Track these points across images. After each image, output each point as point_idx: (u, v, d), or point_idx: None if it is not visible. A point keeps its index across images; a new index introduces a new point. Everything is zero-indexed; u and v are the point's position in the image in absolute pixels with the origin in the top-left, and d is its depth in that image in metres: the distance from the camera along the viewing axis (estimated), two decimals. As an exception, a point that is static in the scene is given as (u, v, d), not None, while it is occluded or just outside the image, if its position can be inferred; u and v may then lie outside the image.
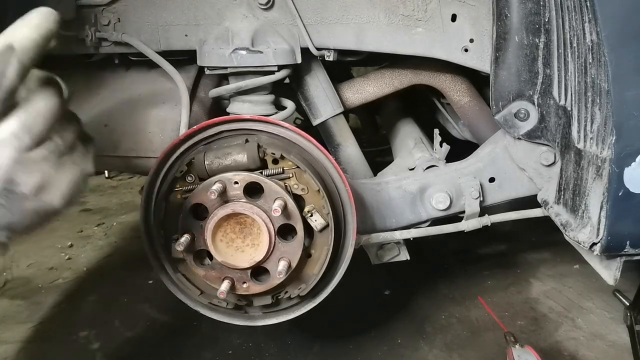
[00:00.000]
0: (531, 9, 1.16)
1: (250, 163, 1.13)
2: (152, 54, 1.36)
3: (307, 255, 1.21)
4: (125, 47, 1.38)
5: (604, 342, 2.10)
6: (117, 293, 2.67)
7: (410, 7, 1.29)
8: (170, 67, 1.38)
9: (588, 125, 1.08)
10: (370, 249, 1.51)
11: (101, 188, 4.54)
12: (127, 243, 3.33)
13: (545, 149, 1.31)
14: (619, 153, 1.01)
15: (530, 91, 1.24)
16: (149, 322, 2.39)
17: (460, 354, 2.07)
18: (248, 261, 1.14)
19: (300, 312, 1.28)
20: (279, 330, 2.20)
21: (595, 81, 1.02)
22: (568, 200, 1.21)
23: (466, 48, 1.31)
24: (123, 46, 1.38)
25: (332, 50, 1.37)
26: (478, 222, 1.43)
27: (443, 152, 1.50)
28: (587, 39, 1.01)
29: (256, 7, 1.32)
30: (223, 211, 1.11)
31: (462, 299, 2.43)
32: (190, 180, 1.18)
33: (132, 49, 1.38)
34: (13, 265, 3.11)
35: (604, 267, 1.22)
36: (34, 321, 2.46)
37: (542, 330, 2.19)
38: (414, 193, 1.45)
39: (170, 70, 1.38)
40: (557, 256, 2.75)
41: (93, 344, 2.26)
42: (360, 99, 1.64)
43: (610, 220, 1.06)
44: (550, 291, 2.47)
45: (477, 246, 2.93)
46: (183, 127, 1.38)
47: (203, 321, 2.30)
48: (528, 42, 1.19)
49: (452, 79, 1.60)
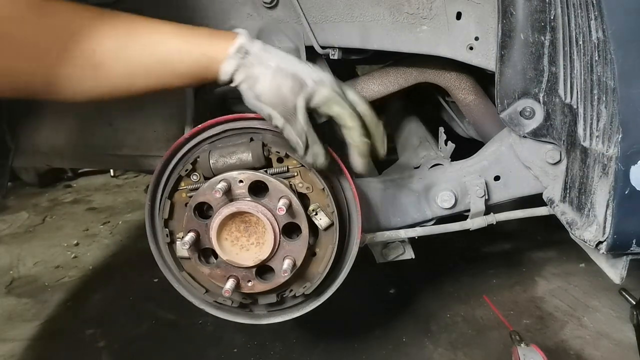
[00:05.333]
0: (537, 6, 1.15)
1: (255, 162, 1.13)
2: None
3: (312, 253, 1.21)
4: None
5: (610, 341, 2.09)
6: (122, 291, 2.68)
7: (415, 5, 1.29)
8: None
9: (594, 123, 1.08)
10: (375, 247, 1.51)
11: (107, 187, 4.57)
12: (133, 241, 3.35)
13: (550, 147, 1.30)
14: (626, 151, 1.00)
15: (535, 89, 1.23)
16: (154, 321, 2.40)
17: (465, 352, 2.06)
18: (253, 260, 1.14)
19: (305, 310, 1.28)
20: (283, 328, 2.20)
21: (602, 79, 1.02)
22: (574, 198, 1.21)
23: (471, 46, 1.30)
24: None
25: (336, 48, 1.36)
26: (483, 221, 1.43)
27: (448, 151, 1.49)
28: (593, 37, 1.01)
29: (261, 5, 1.32)
30: (228, 210, 1.11)
31: (467, 298, 2.42)
32: (195, 179, 1.18)
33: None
34: (19, 263, 3.14)
35: (610, 265, 1.22)
36: (40, 319, 2.48)
37: (547, 329, 2.18)
38: (418, 191, 1.45)
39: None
40: (562, 255, 2.74)
41: (99, 342, 2.28)
42: (364, 97, 1.63)
43: (617, 219, 1.05)
44: (556, 290, 2.47)
45: (482, 245, 2.93)
46: (188, 125, 1.38)
47: (208, 319, 2.31)
48: (533, 39, 1.18)
49: (457, 77, 1.60)
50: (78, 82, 0.94)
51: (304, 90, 1.02)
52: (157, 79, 1.00)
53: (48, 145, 1.59)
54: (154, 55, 0.97)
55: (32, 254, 3.25)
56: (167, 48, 0.98)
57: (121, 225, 3.66)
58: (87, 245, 3.34)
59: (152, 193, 1.23)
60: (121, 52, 0.94)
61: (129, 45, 0.95)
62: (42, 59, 0.89)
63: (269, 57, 1.03)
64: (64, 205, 4.17)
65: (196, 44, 1.00)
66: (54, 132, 1.56)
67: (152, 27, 0.99)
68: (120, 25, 0.95)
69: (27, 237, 3.54)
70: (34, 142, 1.59)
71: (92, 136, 1.56)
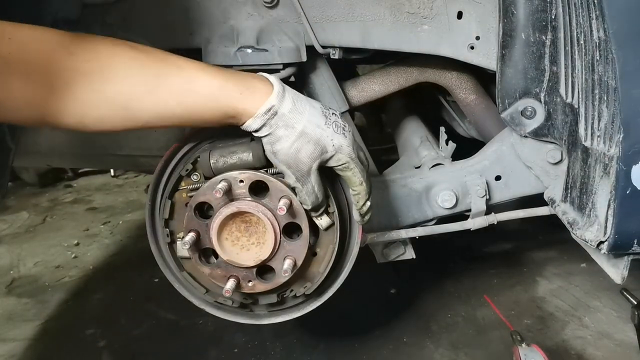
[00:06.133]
0: (538, 5, 1.15)
1: (256, 161, 1.13)
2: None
3: (312, 253, 1.21)
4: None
5: (611, 341, 2.09)
6: (123, 291, 2.68)
7: (416, 4, 1.28)
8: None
9: (595, 123, 1.08)
10: (376, 247, 1.51)
11: (107, 187, 4.57)
12: (133, 241, 3.35)
13: (552, 146, 1.30)
14: (627, 151, 1.00)
15: (536, 89, 1.23)
16: (154, 321, 2.40)
17: (466, 352, 2.06)
18: (253, 259, 1.14)
19: (305, 310, 1.28)
20: (284, 328, 2.20)
21: (603, 78, 1.01)
22: (575, 198, 1.21)
23: (472, 45, 1.30)
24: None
25: (337, 48, 1.36)
26: (484, 221, 1.43)
27: (449, 150, 1.49)
28: (595, 36, 1.01)
29: (261, 5, 1.32)
30: (228, 210, 1.10)
31: (468, 298, 2.42)
32: (196, 179, 1.17)
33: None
34: (20, 263, 3.14)
35: (611, 265, 1.22)
36: (41, 319, 2.48)
37: (548, 329, 2.18)
38: (419, 191, 1.45)
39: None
40: (563, 255, 2.74)
41: (99, 342, 2.28)
42: (365, 97, 1.63)
43: (618, 219, 1.05)
44: (557, 290, 2.46)
45: (483, 245, 2.92)
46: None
47: (208, 319, 2.31)
48: (535, 39, 1.18)
49: (458, 76, 1.60)
50: (107, 120, 0.96)
51: (321, 156, 1.06)
52: (183, 121, 1.02)
53: (48, 145, 1.60)
54: (181, 104, 0.99)
55: (32, 253, 3.25)
56: (196, 97, 0.99)
57: (121, 225, 3.66)
58: (87, 245, 3.34)
59: (152, 193, 1.23)
60: (150, 97, 0.96)
61: (157, 91, 0.96)
62: (70, 97, 0.90)
63: (296, 119, 1.03)
64: (65, 205, 4.17)
65: (225, 95, 1.00)
66: (54, 132, 1.56)
67: (181, 70, 1.00)
68: (151, 65, 0.97)
69: (27, 237, 3.54)
70: (34, 142, 1.59)
71: (92, 136, 1.56)
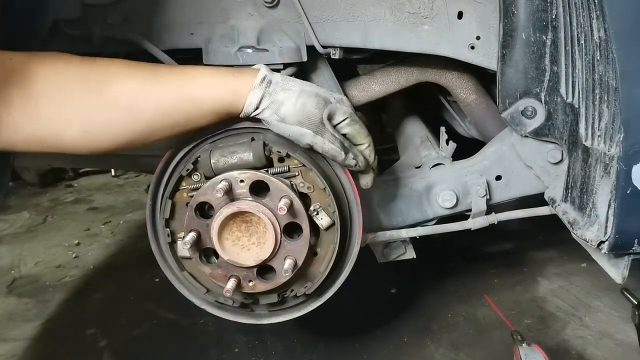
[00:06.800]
0: (538, 5, 1.15)
1: (256, 161, 1.13)
2: (158, 53, 1.36)
3: (313, 253, 1.21)
4: (132, 46, 1.38)
5: (611, 340, 2.09)
6: (123, 291, 2.68)
7: (416, 4, 1.28)
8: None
9: (596, 122, 1.08)
10: (377, 247, 1.51)
11: (108, 186, 4.58)
12: (134, 241, 3.35)
13: (552, 146, 1.30)
14: (627, 150, 1.00)
15: (537, 88, 1.23)
16: (155, 320, 2.41)
17: (466, 352, 2.06)
18: (254, 259, 1.14)
19: (306, 310, 1.28)
20: (285, 328, 2.20)
21: (603, 78, 1.01)
22: (575, 198, 1.21)
23: (473, 45, 1.30)
24: (129, 45, 1.38)
25: (337, 48, 1.36)
26: (485, 220, 1.43)
27: (449, 150, 1.49)
28: (595, 36, 1.01)
29: (262, 5, 1.32)
30: (229, 209, 1.11)
31: (469, 298, 2.42)
32: (196, 179, 1.18)
33: (138, 48, 1.38)
34: (21, 263, 3.14)
35: (611, 265, 1.22)
36: (42, 319, 2.48)
37: (549, 329, 2.18)
38: (420, 191, 1.45)
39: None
40: (564, 254, 2.74)
41: (100, 341, 2.28)
42: (366, 97, 1.63)
43: (618, 219, 1.05)
44: (558, 290, 2.46)
45: (484, 244, 2.92)
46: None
47: (209, 319, 2.31)
48: (535, 39, 1.18)
49: (458, 76, 1.59)
50: (112, 125, 1.02)
51: (328, 106, 1.10)
52: (182, 115, 1.07)
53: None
54: (181, 94, 1.04)
55: (33, 253, 3.25)
56: (194, 87, 1.06)
57: (122, 225, 3.66)
58: (88, 245, 3.35)
59: (153, 193, 1.23)
60: (149, 93, 1.02)
61: (155, 88, 1.03)
62: (74, 110, 0.98)
63: (291, 83, 1.11)
64: (65, 205, 4.17)
65: (221, 80, 1.07)
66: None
67: (177, 70, 1.09)
68: (147, 70, 1.06)
69: (28, 237, 3.54)
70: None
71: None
